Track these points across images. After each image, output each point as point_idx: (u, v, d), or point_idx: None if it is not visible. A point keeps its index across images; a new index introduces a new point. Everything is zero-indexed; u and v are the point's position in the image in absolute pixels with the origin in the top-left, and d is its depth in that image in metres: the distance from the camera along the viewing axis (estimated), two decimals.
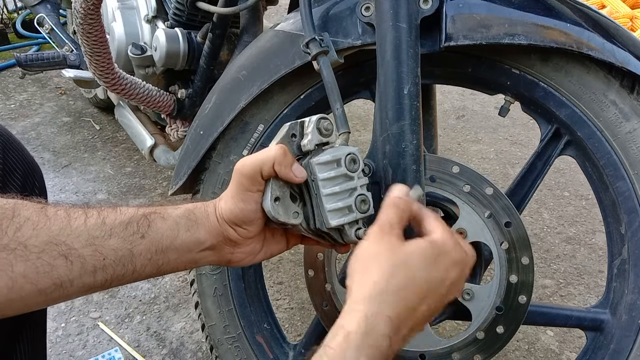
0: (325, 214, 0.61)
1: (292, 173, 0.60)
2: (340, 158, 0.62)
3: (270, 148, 0.60)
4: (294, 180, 0.60)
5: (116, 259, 0.56)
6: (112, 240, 0.56)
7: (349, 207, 0.62)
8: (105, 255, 0.55)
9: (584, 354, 0.83)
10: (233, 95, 0.86)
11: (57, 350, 1.24)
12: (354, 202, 0.63)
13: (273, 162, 0.59)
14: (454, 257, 0.57)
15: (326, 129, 0.64)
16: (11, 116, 2.25)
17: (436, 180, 0.77)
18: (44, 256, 0.51)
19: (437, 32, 0.74)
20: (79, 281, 0.54)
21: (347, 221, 0.62)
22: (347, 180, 0.63)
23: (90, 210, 0.56)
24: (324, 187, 0.61)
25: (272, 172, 0.59)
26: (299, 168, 0.61)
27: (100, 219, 0.56)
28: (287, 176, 0.60)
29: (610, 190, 0.77)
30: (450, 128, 2.35)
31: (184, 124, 1.39)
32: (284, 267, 1.52)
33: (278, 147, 0.60)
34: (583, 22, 0.73)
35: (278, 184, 0.60)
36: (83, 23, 1.03)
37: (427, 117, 0.98)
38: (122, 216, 0.57)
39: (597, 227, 1.73)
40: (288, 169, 0.60)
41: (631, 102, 0.74)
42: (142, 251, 0.57)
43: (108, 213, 0.57)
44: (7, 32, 2.86)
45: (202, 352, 1.25)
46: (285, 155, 0.60)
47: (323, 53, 0.73)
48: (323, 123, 0.63)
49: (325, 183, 0.61)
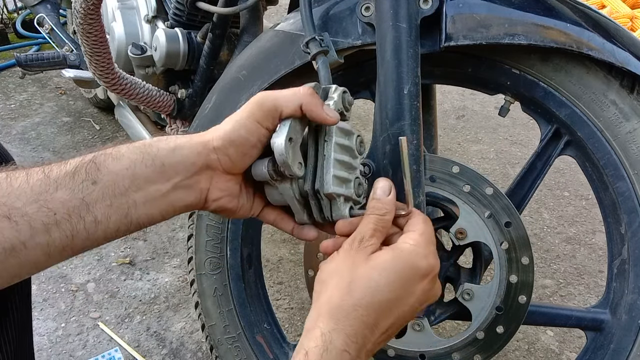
0: (329, 177, 0.58)
1: (324, 113, 0.57)
2: (354, 134, 0.62)
3: (296, 89, 0.57)
4: (327, 121, 0.57)
5: (68, 211, 0.51)
6: (59, 192, 0.51)
7: (349, 181, 0.61)
8: (54, 209, 0.50)
9: (584, 354, 0.83)
10: (233, 95, 0.86)
11: (57, 350, 1.24)
12: (353, 181, 0.62)
13: (300, 102, 0.55)
14: (420, 270, 0.54)
15: (349, 103, 0.62)
16: (11, 116, 2.25)
17: (436, 180, 0.77)
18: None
19: (437, 32, 0.74)
20: (32, 242, 0.50)
21: (345, 193, 0.60)
22: (353, 157, 0.63)
23: (33, 169, 0.52)
24: (335, 151, 0.59)
25: (295, 112, 0.56)
26: (330, 109, 0.58)
27: (44, 174, 0.51)
28: (319, 116, 0.56)
29: (610, 190, 0.77)
30: (450, 128, 2.35)
31: (184, 124, 1.39)
32: (284, 267, 1.52)
33: (306, 88, 0.57)
34: (583, 22, 0.73)
35: (296, 127, 0.57)
36: (83, 23, 1.03)
37: (427, 117, 0.98)
38: (67, 166, 0.52)
39: (597, 227, 1.73)
40: (320, 108, 0.56)
41: (631, 102, 0.74)
42: (98, 198, 0.52)
43: (52, 167, 0.53)
44: (7, 32, 2.86)
45: (202, 352, 1.25)
46: (314, 95, 0.57)
47: (323, 53, 0.73)
48: (348, 97, 0.62)
49: (337, 148, 0.60)
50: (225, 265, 0.92)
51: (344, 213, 0.61)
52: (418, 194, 0.72)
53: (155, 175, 0.55)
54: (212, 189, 0.58)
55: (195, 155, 0.56)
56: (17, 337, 0.71)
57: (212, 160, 0.57)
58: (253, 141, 0.56)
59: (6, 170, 0.52)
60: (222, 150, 0.56)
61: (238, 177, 0.60)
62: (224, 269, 0.91)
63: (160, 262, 1.52)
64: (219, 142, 0.56)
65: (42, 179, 0.51)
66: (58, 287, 1.42)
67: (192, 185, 0.57)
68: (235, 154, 0.57)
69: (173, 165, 0.55)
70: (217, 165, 0.57)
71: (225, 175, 0.58)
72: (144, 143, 0.56)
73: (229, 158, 0.57)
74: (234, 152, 0.57)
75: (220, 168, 0.58)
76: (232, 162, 0.57)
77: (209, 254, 0.92)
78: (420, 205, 0.70)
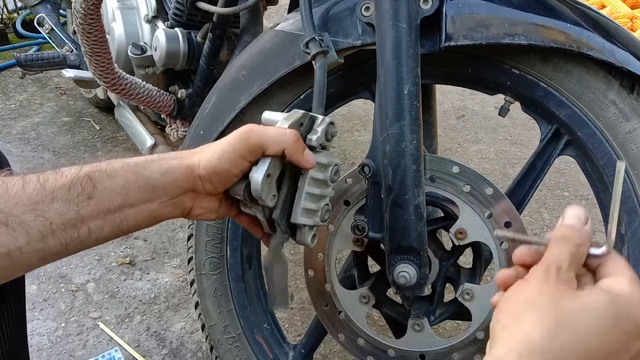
0: (297, 209, 0.63)
1: (303, 159, 0.61)
2: (330, 165, 0.65)
3: (283, 130, 0.60)
4: (305, 165, 0.61)
5: (64, 222, 0.54)
6: (56, 204, 0.53)
7: (316, 211, 0.65)
8: (50, 219, 0.53)
9: None
10: (233, 95, 0.86)
11: (57, 350, 1.24)
12: (322, 209, 0.66)
13: (284, 145, 0.59)
14: None
15: (332, 135, 0.66)
16: (11, 116, 2.25)
17: (436, 180, 0.77)
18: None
19: (437, 32, 0.74)
20: (28, 248, 0.52)
21: (311, 223, 0.65)
22: (325, 187, 0.66)
23: (28, 177, 0.54)
24: (309, 185, 0.63)
25: (277, 152, 0.59)
26: (310, 155, 0.62)
27: (40, 184, 0.54)
28: (298, 161, 0.61)
29: (610, 190, 0.77)
30: (450, 128, 2.35)
31: (184, 124, 1.39)
32: None
33: (292, 133, 0.60)
34: (583, 22, 0.73)
35: (276, 163, 0.61)
36: (83, 23, 1.03)
37: (427, 117, 0.98)
38: (63, 178, 0.55)
39: (597, 227, 1.72)
40: (300, 154, 0.60)
41: (631, 102, 0.74)
42: (92, 212, 0.56)
43: (48, 177, 0.55)
44: (7, 32, 2.86)
45: (202, 352, 1.25)
46: (299, 141, 0.60)
47: (323, 53, 0.73)
48: (332, 129, 0.66)
49: (311, 181, 0.63)
50: (225, 265, 0.92)
51: (306, 240, 0.66)
52: (418, 194, 0.72)
53: (146, 196, 0.59)
54: (194, 207, 0.64)
55: (183, 180, 0.61)
56: (11, 334, 0.72)
57: (197, 185, 0.61)
58: (235, 172, 0.61)
59: (1, 177, 0.53)
60: (207, 178, 0.61)
61: (219, 195, 0.65)
62: (224, 269, 0.91)
63: (160, 262, 1.52)
64: (204, 172, 0.60)
65: (38, 188, 0.54)
66: (58, 287, 1.42)
67: (177, 204, 0.62)
68: (218, 182, 0.61)
69: (162, 187, 0.60)
70: (201, 190, 0.62)
71: (207, 196, 0.63)
72: (137, 163, 0.59)
73: (212, 185, 0.61)
74: (217, 180, 0.61)
75: (203, 192, 0.62)
76: (214, 187, 0.62)
77: (209, 254, 0.92)
78: (420, 205, 0.70)
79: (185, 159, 0.61)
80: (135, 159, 0.60)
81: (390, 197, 0.72)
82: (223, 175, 0.60)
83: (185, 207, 0.63)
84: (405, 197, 0.71)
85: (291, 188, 0.64)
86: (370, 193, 0.75)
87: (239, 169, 0.60)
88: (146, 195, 0.59)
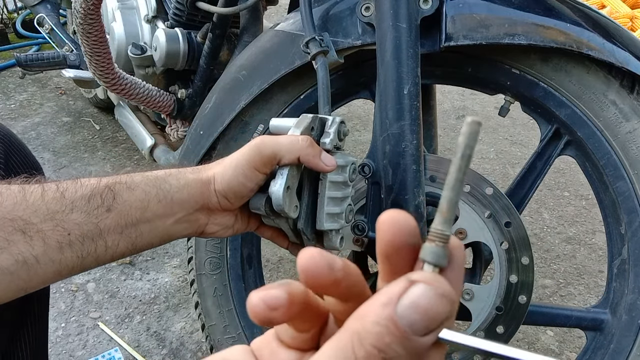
0: (322, 215, 0.62)
1: (322, 162, 0.59)
2: (348, 165, 0.63)
3: (295, 138, 0.58)
4: (324, 169, 0.59)
5: (82, 234, 0.53)
6: (74, 214, 0.52)
7: (340, 214, 0.64)
8: (69, 230, 0.52)
9: (583, 354, 0.83)
10: (233, 95, 0.86)
11: (57, 350, 1.24)
12: (345, 211, 0.65)
13: (298, 152, 0.57)
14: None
15: (344, 134, 0.64)
16: (11, 116, 2.25)
17: (436, 180, 0.77)
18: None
19: (437, 32, 0.74)
20: (45, 257, 0.51)
21: (337, 227, 0.64)
22: (346, 187, 0.64)
23: (47, 185, 0.53)
24: (329, 189, 0.62)
25: (293, 161, 0.58)
26: (328, 157, 0.59)
27: (59, 193, 0.52)
28: (317, 166, 0.59)
29: (610, 190, 0.77)
30: (450, 128, 2.35)
31: (184, 124, 1.39)
32: (284, 267, 1.52)
33: (305, 138, 0.58)
34: (583, 22, 0.73)
35: (293, 173, 0.59)
36: (83, 23, 1.03)
37: (427, 117, 0.98)
38: (83, 189, 0.54)
39: (597, 227, 1.73)
40: (318, 158, 0.58)
41: (631, 102, 0.74)
42: (110, 226, 0.54)
43: (67, 186, 0.53)
44: (7, 32, 2.86)
45: (202, 352, 1.25)
46: (313, 145, 0.58)
47: (323, 53, 0.73)
48: (343, 128, 0.64)
49: (331, 185, 0.62)
50: (225, 265, 0.92)
51: (335, 244, 0.64)
52: (418, 194, 0.72)
53: (164, 210, 0.58)
54: (209, 224, 0.62)
55: (199, 195, 0.59)
56: (32, 350, 0.72)
57: (213, 202, 0.60)
58: (251, 186, 0.59)
59: (21, 184, 0.52)
60: (222, 193, 0.59)
61: (234, 211, 0.63)
62: (224, 269, 0.91)
63: (160, 262, 1.52)
64: (220, 187, 0.59)
65: (57, 197, 0.52)
66: (58, 287, 1.42)
67: (192, 221, 0.60)
68: (234, 197, 0.60)
69: (179, 202, 0.58)
70: (216, 206, 0.61)
71: (223, 212, 0.62)
72: (157, 176, 0.58)
73: (227, 200, 0.60)
74: (232, 196, 0.60)
75: (219, 208, 0.61)
76: (230, 203, 0.60)
77: (209, 254, 0.92)
78: (420, 205, 0.70)
79: (202, 173, 0.60)
80: (154, 173, 0.59)
81: (390, 197, 0.72)
82: (238, 190, 0.59)
83: (200, 224, 0.61)
84: (405, 197, 0.71)
85: (312, 195, 0.62)
86: (370, 193, 0.75)
87: (254, 182, 0.59)
88: (163, 210, 0.57)
